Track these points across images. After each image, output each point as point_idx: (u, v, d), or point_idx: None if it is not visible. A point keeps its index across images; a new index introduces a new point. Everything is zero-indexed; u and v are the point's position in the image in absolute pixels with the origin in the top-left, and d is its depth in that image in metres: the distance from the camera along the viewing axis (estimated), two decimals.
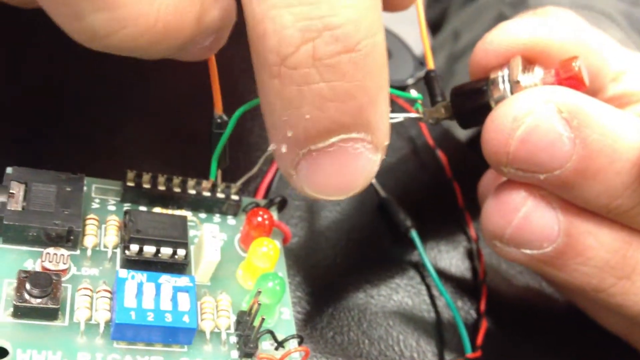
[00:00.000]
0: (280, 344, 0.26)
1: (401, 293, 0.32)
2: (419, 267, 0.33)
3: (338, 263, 0.32)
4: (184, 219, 0.27)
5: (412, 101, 0.30)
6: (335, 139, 0.21)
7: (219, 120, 0.27)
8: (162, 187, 0.28)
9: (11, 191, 0.25)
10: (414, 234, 0.33)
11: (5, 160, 0.26)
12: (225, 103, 0.28)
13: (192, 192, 0.28)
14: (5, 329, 0.23)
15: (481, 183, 0.34)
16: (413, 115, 0.30)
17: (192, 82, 0.28)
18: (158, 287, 0.24)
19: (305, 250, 0.31)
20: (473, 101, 0.28)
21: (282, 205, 0.31)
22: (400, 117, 0.30)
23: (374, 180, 0.35)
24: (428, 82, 0.30)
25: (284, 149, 0.22)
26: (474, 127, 0.30)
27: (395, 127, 0.38)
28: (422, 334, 0.31)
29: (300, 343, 0.26)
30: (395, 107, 0.39)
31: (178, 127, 0.33)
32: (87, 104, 0.32)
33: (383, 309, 0.31)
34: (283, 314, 0.27)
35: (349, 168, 0.22)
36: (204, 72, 0.26)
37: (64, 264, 0.25)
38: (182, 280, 0.25)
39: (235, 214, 0.29)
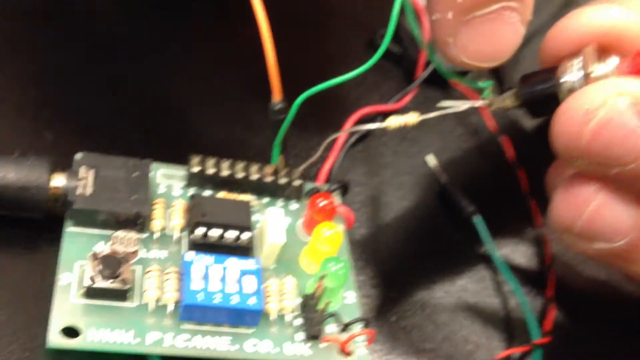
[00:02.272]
0: (345, 327, 0.26)
1: (465, 278, 0.31)
2: (483, 253, 0.33)
3: (400, 248, 0.31)
4: (247, 203, 0.27)
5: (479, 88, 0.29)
6: (496, 6, 0.24)
7: (278, 107, 0.27)
8: (225, 172, 0.28)
9: (80, 176, 0.26)
10: (477, 219, 0.32)
11: (73, 147, 0.27)
12: (285, 90, 0.28)
13: (255, 177, 0.29)
14: (77, 310, 0.23)
15: (549, 173, 0.33)
16: (479, 103, 0.29)
17: (253, 69, 0.29)
18: (224, 269, 0.25)
19: (367, 235, 0.31)
20: (543, 91, 0.27)
21: (344, 191, 0.31)
22: (466, 105, 0.29)
23: (433, 166, 0.35)
24: (493, 70, 0.30)
25: (449, 15, 0.24)
26: (544, 117, 0.29)
27: (456, 113, 0.38)
28: (488, 319, 0.30)
29: (365, 326, 0.26)
30: (457, 93, 0.38)
31: (240, 113, 0.33)
32: (151, 91, 0.32)
33: (447, 293, 0.30)
34: (347, 298, 0.27)
35: (503, 36, 0.25)
36: (264, 59, 0.27)
37: (133, 246, 0.25)
38: (248, 263, 0.25)
39: (297, 199, 0.29)
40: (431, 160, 0.35)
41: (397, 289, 0.30)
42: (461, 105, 0.29)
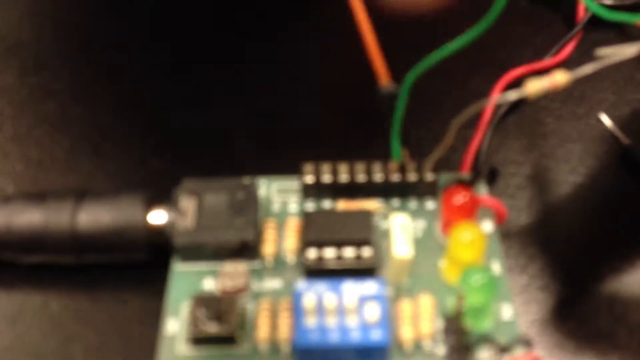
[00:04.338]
0: (503, 352, 0.21)
1: None
2: None
3: (573, 234, 0.26)
4: (367, 213, 0.23)
5: None
6: None
7: (388, 91, 0.23)
8: (344, 178, 0.24)
9: (181, 207, 0.23)
10: None
11: (177, 173, 0.25)
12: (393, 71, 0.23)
13: (379, 177, 0.24)
14: None
15: None
16: None
17: (351, 56, 0.24)
18: (341, 297, 0.21)
19: (528, 225, 0.26)
20: None
21: (492, 177, 0.26)
22: (633, 48, 0.23)
23: (610, 125, 0.28)
24: None
25: None
26: None
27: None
28: None
29: (526, 347, 0.21)
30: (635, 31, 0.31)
31: (348, 108, 0.29)
32: (249, 98, 0.29)
33: None
34: (503, 313, 0.22)
35: None
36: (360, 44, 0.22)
37: (243, 279, 0.22)
38: (369, 287, 0.21)
39: (434, 195, 0.25)
40: (606, 119, 0.29)
41: (573, 287, 0.24)
42: (628, 51, 0.23)
